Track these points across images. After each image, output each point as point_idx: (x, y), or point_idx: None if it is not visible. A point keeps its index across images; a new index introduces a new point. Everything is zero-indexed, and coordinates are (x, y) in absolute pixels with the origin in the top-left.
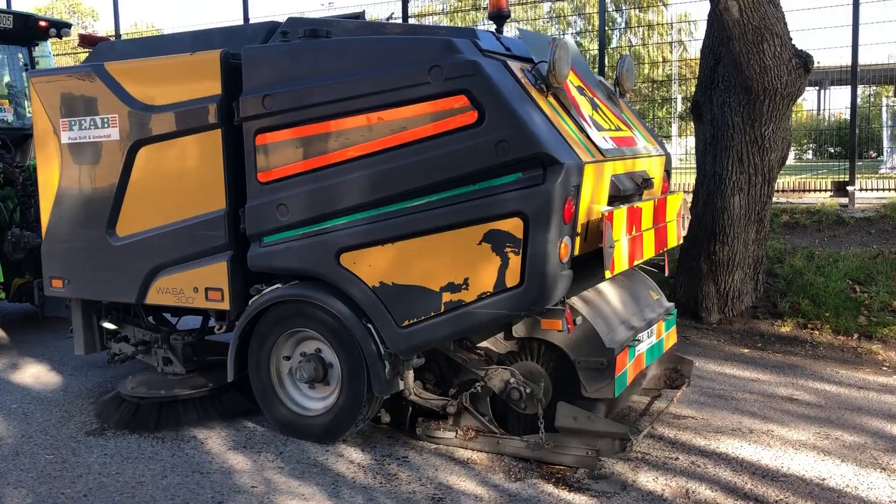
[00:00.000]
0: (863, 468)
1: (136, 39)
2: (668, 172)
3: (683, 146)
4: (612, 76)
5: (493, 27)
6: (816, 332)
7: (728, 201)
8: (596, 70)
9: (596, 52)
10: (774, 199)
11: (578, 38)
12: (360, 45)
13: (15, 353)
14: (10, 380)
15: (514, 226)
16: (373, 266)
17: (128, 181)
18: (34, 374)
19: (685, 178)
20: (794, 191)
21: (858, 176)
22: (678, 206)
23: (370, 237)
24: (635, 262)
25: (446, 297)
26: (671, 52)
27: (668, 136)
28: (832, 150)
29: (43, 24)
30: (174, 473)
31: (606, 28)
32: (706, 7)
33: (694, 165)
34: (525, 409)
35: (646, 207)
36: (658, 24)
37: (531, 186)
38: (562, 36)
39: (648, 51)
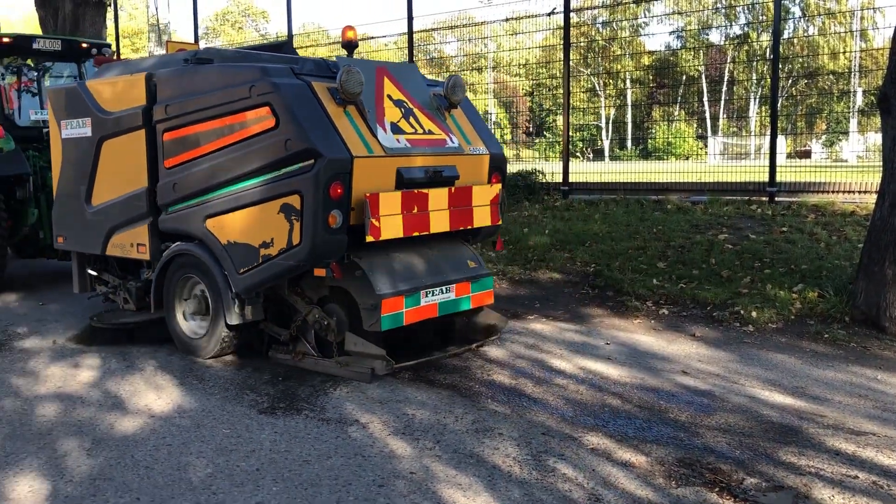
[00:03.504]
0: None
1: (124, 61)
2: (499, 168)
3: (863, 142)
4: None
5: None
6: None
7: None
8: (769, 62)
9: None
10: None
11: (746, 29)
12: (217, 70)
13: None
14: (193, 357)
15: (296, 201)
16: (223, 229)
17: (97, 166)
18: None
19: (867, 176)
20: None
21: None
22: (494, 195)
23: (220, 208)
24: (415, 234)
25: (262, 252)
26: (853, 41)
27: (846, 132)
28: None
29: (84, 45)
30: (337, 455)
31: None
32: None
33: (877, 163)
34: (326, 336)
35: (435, 193)
36: (839, 13)
37: (305, 172)
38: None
39: (827, 41)
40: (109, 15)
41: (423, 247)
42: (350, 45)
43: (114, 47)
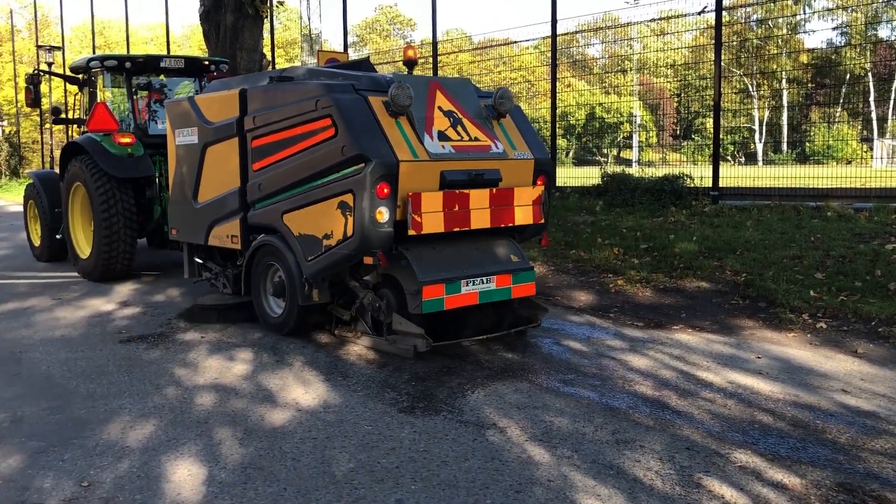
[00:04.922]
0: None
1: (227, 79)
2: (544, 171)
3: None
4: None
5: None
6: None
7: None
8: None
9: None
10: None
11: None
12: (292, 86)
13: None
14: (339, 354)
15: (349, 198)
16: (295, 223)
17: (202, 168)
18: (357, 352)
19: None
20: None
21: None
22: (536, 195)
23: (293, 205)
24: (455, 229)
25: (325, 242)
26: None
27: None
28: None
29: (206, 63)
30: (474, 457)
31: None
32: None
33: None
34: (379, 317)
35: (476, 193)
36: None
37: (357, 174)
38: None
39: None
40: (266, 26)
41: (469, 242)
42: (410, 63)
43: (269, 57)
